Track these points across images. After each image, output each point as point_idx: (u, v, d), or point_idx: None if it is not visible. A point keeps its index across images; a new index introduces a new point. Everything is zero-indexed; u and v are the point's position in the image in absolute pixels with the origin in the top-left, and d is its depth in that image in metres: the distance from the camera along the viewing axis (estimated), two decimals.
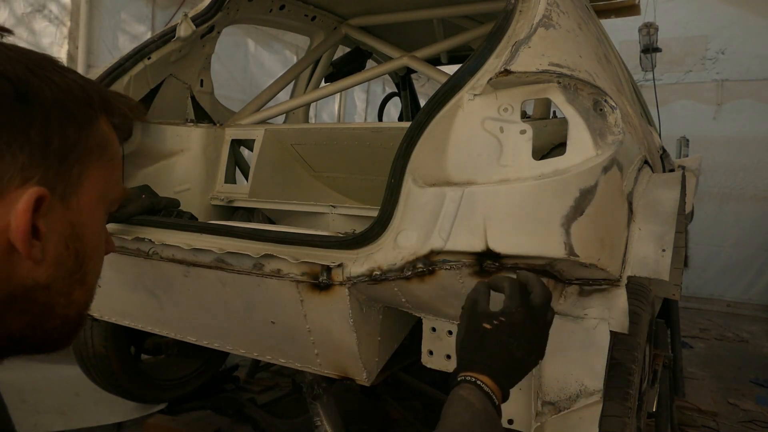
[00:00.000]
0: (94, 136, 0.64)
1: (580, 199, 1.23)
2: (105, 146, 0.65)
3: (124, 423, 2.60)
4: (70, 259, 0.62)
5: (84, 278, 0.65)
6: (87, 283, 0.66)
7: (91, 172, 0.64)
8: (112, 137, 0.68)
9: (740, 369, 4.37)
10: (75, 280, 0.63)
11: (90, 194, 0.64)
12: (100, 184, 0.65)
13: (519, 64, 1.30)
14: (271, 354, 1.71)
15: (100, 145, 0.65)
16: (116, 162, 0.69)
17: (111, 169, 0.67)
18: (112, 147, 0.67)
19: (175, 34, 2.12)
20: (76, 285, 0.64)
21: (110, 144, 0.66)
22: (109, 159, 0.66)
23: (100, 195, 0.65)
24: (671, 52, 6.60)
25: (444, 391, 2.36)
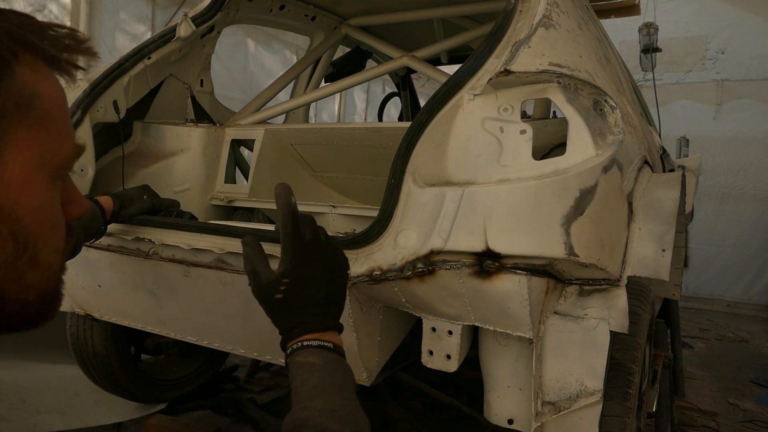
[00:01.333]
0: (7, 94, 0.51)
1: (580, 199, 1.23)
2: (29, 102, 0.52)
3: (124, 423, 2.60)
4: (6, 243, 0.53)
5: (34, 259, 0.56)
6: (40, 263, 0.56)
7: (13, 138, 0.51)
8: (45, 86, 0.54)
9: (740, 369, 4.37)
10: (22, 264, 0.55)
11: (18, 164, 0.52)
12: (33, 149, 0.53)
13: (519, 64, 1.30)
14: (271, 354, 1.71)
15: (21, 103, 0.52)
16: (54, 117, 0.55)
17: (46, 128, 0.54)
18: (43, 101, 0.54)
19: (175, 34, 2.12)
20: (25, 268, 0.55)
21: (38, 97, 0.53)
22: (41, 116, 0.53)
23: (37, 162, 0.54)
24: (671, 52, 6.60)
25: (444, 391, 2.37)
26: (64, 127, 0.57)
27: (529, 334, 1.31)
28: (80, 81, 2.00)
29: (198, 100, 2.38)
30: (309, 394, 0.90)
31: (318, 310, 1.00)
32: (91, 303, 1.99)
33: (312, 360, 0.95)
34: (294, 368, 0.96)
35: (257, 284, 1.02)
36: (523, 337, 1.33)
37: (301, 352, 0.97)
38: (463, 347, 1.41)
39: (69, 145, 0.58)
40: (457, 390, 2.67)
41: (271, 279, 1.00)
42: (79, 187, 1.90)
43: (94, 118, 1.94)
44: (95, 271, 1.84)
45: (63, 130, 0.57)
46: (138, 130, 2.15)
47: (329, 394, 0.90)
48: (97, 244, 1.73)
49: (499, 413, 1.44)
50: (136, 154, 2.13)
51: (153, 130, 2.19)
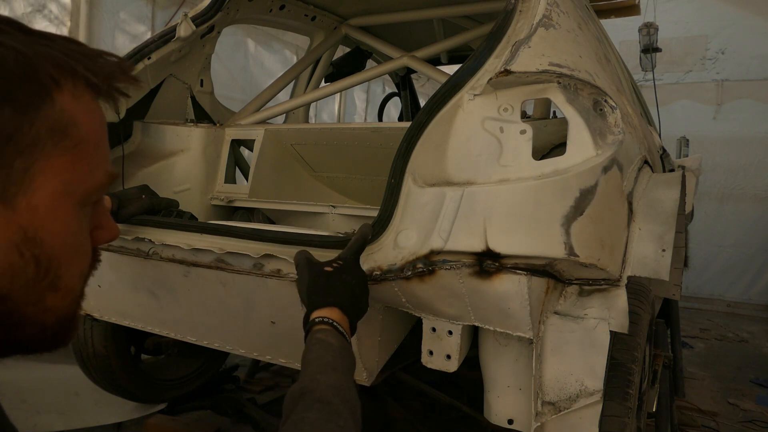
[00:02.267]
0: (44, 120, 0.50)
1: (580, 199, 1.23)
2: (64, 130, 0.52)
3: (124, 423, 2.60)
4: (28, 266, 0.52)
5: (56, 283, 0.55)
6: (61, 287, 0.56)
7: (45, 164, 0.51)
8: (82, 114, 0.54)
9: (740, 369, 4.37)
10: (42, 287, 0.54)
11: (46, 190, 0.52)
12: (63, 176, 0.53)
13: (519, 64, 1.30)
14: (271, 354, 1.71)
15: (57, 130, 0.51)
16: (88, 146, 0.55)
17: (79, 156, 0.54)
18: (79, 129, 0.53)
19: (175, 34, 2.12)
20: (45, 292, 0.55)
21: (74, 125, 0.53)
22: (75, 144, 0.53)
23: (65, 189, 0.53)
24: (671, 52, 6.60)
25: (444, 391, 2.37)
26: (97, 155, 0.57)
27: (529, 334, 1.31)
28: None
29: (198, 100, 2.38)
30: (321, 369, 0.99)
31: (350, 296, 1.16)
32: (91, 303, 1.99)
33: (331, 340, 1.06)
34: (312, 342, 1.06)
35: (309, 260, 1.23)
36: (523, 337, 1.33)
37: (324, 329, 1.08)
38: (463, 347, 1.41)
39: (101, 173, 0.57)
40: (457, 390, 2.67)
41: (325, 260, 1.22)
42: None
43: None
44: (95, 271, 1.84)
45: (96, 157, 0.56)
46: (138, 130, 2.15)
47: (338, 374, 0.99)
48: None
49: (499, 413, 1.44)
50: (136, 154, 2.13)
51: (153, 130, 2.19)
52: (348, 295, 1.16)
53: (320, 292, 1.16)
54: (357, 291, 1.18)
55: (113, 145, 2.06)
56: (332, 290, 1.16)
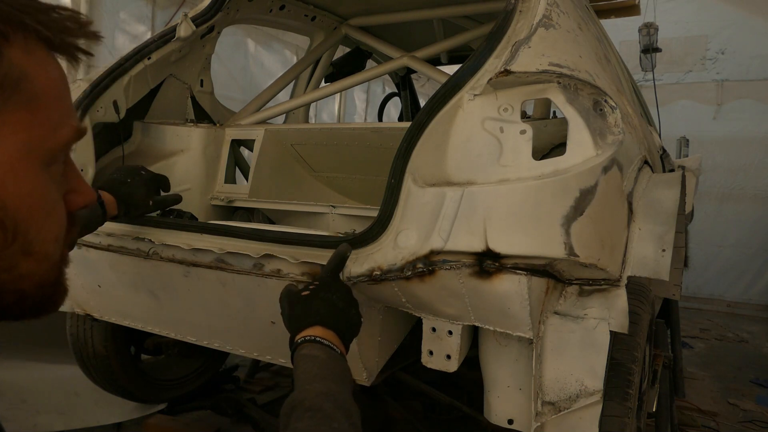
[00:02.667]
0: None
1: (580, 199, 1.23)
2: (15, 84, 0.50)
3: (124, 423, 2.60)
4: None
5: (27, 248, 0.53)
6: (35, 252, 0.54)
7: None
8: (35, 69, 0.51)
9: (740, 369, 4.37)
10: (13, 252, 0.52)
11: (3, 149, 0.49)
12: (20, 135, 0.50)
13: (519, 64, 1.30)
14: (271, 354, 1.71)
15: (7, 84, 0.49)
16: (45, 100, 0.53)
17: (36, 112, 0.51)
18: (33, 83, 0.51)
19: (175, 34, 2.12)
20: (17, 257, 0.53)
21: (26, 79, 0.50)
22: (29, 99, 0.51)
23: (25, 147, 0.51)
24: (671, 52, 6.60)
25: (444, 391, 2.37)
26: (58, 110, 0.54)
27: (529, 334, 1.31)
28: (80, 81, 2.00)
29: (198, 100, 2.38)
30: (309, 380, 0.97)
31: (332, 311, 1.15)
32: (91, 303, 1.99)
33: (315, 353, 1.05)
34: (298, 360, 1.04)
35: (289, 291, 1.21)
36: (523, 337, 1.33)
37: (307, 345, 1.06)
38: (463, 347, 1.41)
39: (66, 129, 0.55)
40: (457, 390, 2.67)
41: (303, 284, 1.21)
42: None
43: (94, 118, 1.94)
44: (95, 271, 1.84)
45: (57, 113, 0.54)
46: (138, 130, 2.15)
47: (327, 381, 0.98)
48: (97, 244, 1.73)
49: (499, 413, 1.44)
50: (136, 154, 2.13)
51: (153, 130, 2.19)
52: (329, 311, 1.14)
53: (299, 316, 1.15)
54: (340, 305, 1.17)
55: (113, 145, 2.06)
56: (311, 311, 1.14)
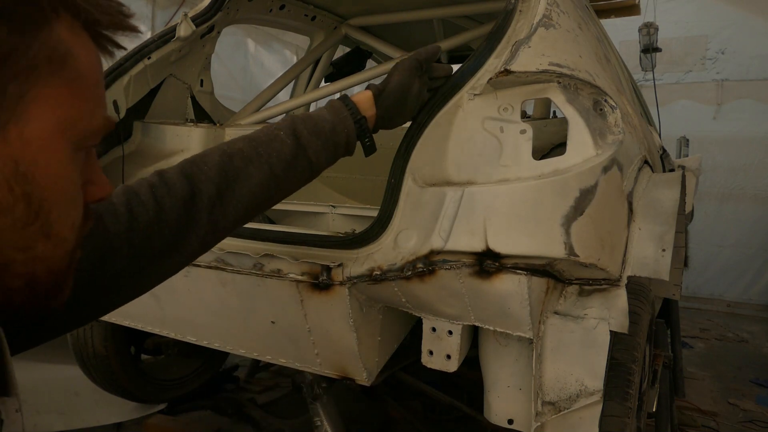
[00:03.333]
0: (42, 46, 0.49)
1: (580, 199, 1.23)
2: (62, 60, 0.50)
3: (124, 423, 2.60)
4: (18, 205, 0.49)
5: (47, 229, 0.52)
6: (53, 235, 0.53)
7: (41, 94, 0.49)
8: (80, 49, 0.52)
9: (740, 369, 4.36)
10: (33, 231, 0.51)
11: (41, 123, 0.49)
12: (58, 111, 0.50)
13: (519, 64, 1.30)
14: (271, 354, 1.71)
15: (54, 58, 0.49)
16: (86, 82, 0.53)
17: (76, 91, 0.52)
18: (77, 62, 0.52)
19: (175, 34, 2.12)
20: (36, 237, 0.52)
21: (72, 57, 0.51)
22: (72, 77, 0.51)
23: (61, 125, 0.51)
24: (671, 52, 6.59)
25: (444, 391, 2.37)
26: (95, 96, 0.55)
27: (529, 334, 1.31)
28: None
29: (198, 100, 2.38)
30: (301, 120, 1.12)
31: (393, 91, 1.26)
32: None
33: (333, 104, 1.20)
34: None
35: None
36: (523, 337, 1.33)
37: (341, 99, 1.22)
38: (463, 347, 1.41)
39: (99, 116, 0.55)
40: (457, 390, 2.67)
41: None
42: None
43: None
44: None
45: (94, 98, 0.55)
46: (138, 130, 2.15)
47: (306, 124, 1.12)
48: None
49: (499, 413, 1.44)
50: (136, 154, 2.13)
51: (153, 130, 2.18)
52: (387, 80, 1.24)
53: None
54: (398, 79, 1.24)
55: (113, 145, 2.06)
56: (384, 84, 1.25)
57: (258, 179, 1.01)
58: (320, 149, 1.11)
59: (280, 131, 1.07)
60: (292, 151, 1.06)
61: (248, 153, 1.02)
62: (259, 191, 1.02)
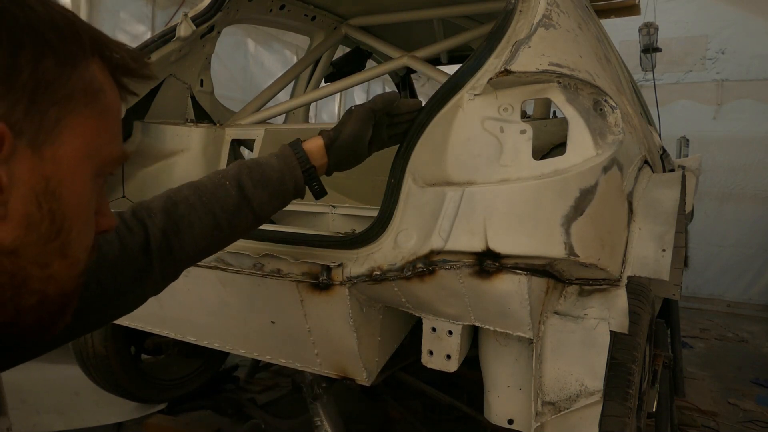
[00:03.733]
0: (79, 79, 0.55)
1: (580, 199, 1.23)
2: (95, 94, 0.56)
3: (124, 423, 2.60)
4: (44, 221, 0.53)
5: (65, 249, 0.55)
6: (69, 255, 0.56)
7: (74, 121, 0.54)
8: (108, 87, 0.59)
9: (740, 369, 4.37)
10: (53, 248, 0.54)
11: (72, 146, 0.54)
12: (87, 138, 0.56)
13: (519, 64, 1.30)
14: (271, 354, 1.71)
15: (88, 92, 0.56)
16: (111, 116, 0.59)
17: (102, 123, 0.58)
18: (106, 98, 0.58)
19: (175, 34, 2.11)
20: (54, 255, 0.55)
21: (102, 93, 0.58)
22: (101, 111, 0.57)
23: (87, 151, 0.56)
24: (671, 52, 6.60)
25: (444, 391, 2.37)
26: (116, 130, 0.61)
27: (529, 334, 1.31)
28: None
29: (198, 100, 2.38)
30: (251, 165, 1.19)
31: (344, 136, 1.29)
32: None
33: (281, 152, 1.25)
34: None
35: None
36: (523, 337, 1.33)
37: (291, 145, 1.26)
38: (463, 347, 1.41)
39: (118, 147, 0.61)
40: (457, 390, 2.67)
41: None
42: None
43: None
44: None
45: (116, 131, 0.61)
46: (138, 130, 2.15)
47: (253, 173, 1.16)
48: None
49: (499, 413, 1.44)
50: (136, 154, 2.13)
51: (153, 130, 2.18)
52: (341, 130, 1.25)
53: None
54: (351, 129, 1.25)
55: None
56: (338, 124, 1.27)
57: (201, 229, 1.06)
58: (266, 200, 1.15)
59: (227, 181, 1.11)
60: (236, 202, 1.10)
61: (193, 201, 1.06)
62: (203, 240, 1.06)
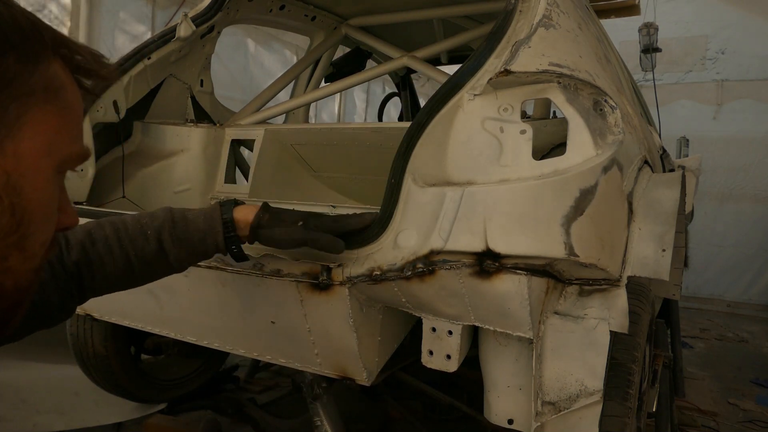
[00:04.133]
0: (41, 76, 0.56)
1: (580, 199, 1.23)
2: (56, 91, 0.57)
3: (124, 423, 2.60)
4: (4, 214, 0.54)
5: (23, 243, 0.56)
6: (26, 249, 0.57)
7: (35, 117, 0.55)
8: (69, 85, 0.59)
9: (740, 369, 4.37)
10: (11, 242, 0.55)
11: (33, 142, 0.55)
12: (47, 134, 0.57)
13: (519, 64, 1.30)
14: (271, 354, 1.71)
15: (50, 89, 0.56)
16: (72, 114, 0.60)
17: (64, 120, 0.58)
18: (67, 95, 0.59)
19: (175, 34, 2.12)
20: (12, 249, 0.55)
21: (63, 90, 0.58)
22: (62, 108, 0.58)
23: (48, 147, 0.57)
24: (671, 52, 6.60)
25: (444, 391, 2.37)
26: (78, 127, 0.62)
27: (529, 334, 1.31)
28: None
29: (198, 100, 2.38)
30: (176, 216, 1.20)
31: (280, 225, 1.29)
32: (90, 303, 1.98)
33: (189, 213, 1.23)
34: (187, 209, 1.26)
35: None
36: (523, 337, 1.33)
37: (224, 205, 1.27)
38: (463, 347, 1.41)
39: (79, 145, 0.62)
40: (457, 390, 2.67)
41: None
42: (79, 187, 1.91)
43: (94, 118, 1.94)
44: None
45: (77, 129, 0.62)
46: (138, 130, 2.15)
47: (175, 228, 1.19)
48: None
49: (499, 413, 1.44)
50: (136, 154, 2.13)
51: (153, 130, 2.19)
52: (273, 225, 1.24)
53: None
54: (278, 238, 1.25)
55: (113, 145, 2.06)
56: None
57: (113, 270, 1.10)
58: (183, 256, 1.18)
59: (149, 230, 1.13)
60: (153, 252, 1.13)
61: (111, 242, 1.09)
62: (115, 279, 1.11)
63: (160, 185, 2.17)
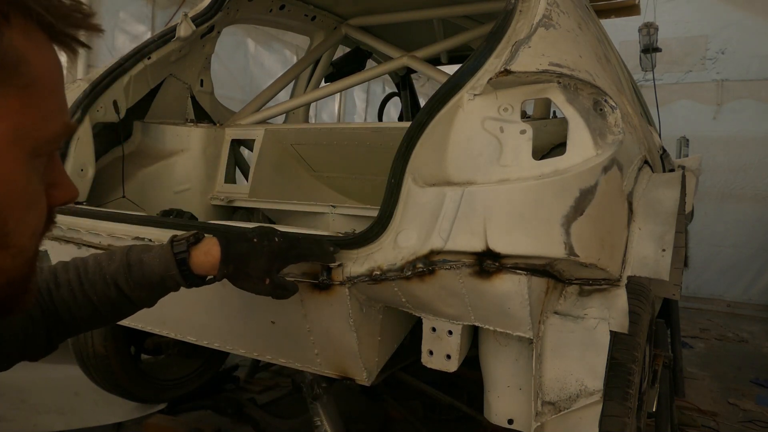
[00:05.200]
0: None
1: (580, 199, 1.23)
2: (14, 66, 0.48)
3: (124, 423, 2.60)
4: None
5: (4, 240, 0.51)
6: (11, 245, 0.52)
7: None
8: (34, 54, 0.50)
9: (740, 369, 4.37)
10: None
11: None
12: (12, 119, 0.49)
13: (519, 64, 1.30)
14: (271, 354, 1.71)
15: (5, 66, 0.47)
16: (40, 89, 0.51)
17: (29, 99, 0.50)
18: (31, 68, 0.49)
19: (175, 34, 2.12)
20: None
21: (24, 64, 0.49)
22: (23, 85, 0.49)
23: (14, 134, 0.49)
24: (671, 52, 6.60)
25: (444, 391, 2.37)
26: (52, 102, 0.53)
27: (529, 334, 1.31)
28: (80, 81, 2.00)
29: (198, 100, 2.38)
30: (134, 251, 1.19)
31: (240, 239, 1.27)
32: None
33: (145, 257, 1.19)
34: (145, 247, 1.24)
35: None
36: (523, 337, 1.33)
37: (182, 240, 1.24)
38: (463, 347, 1.41)
39: (57, 122, 0.53)
40: (457, 390, 2.67)
41: None
42: (79, 187, 1.91)
43: (94, 118, 1.94)
44: None
45: (51, 104, 0.53)
46: (138, 130, 2.15)
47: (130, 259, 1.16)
48: (96, 243, 1.73)
49: (499, 413, 1.44)
50: (136, 154, 2.13)
51: (153, 130, 2.19)
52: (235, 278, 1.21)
53: None
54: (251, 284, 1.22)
55: (113, 145, 2.06)
56: None
57: (79, 313, 1.08)
58: (145, 296, 1.17)
59: (107, 275, 1.10)
60: (115, 297, 1.12)
61: (75, 287, 1.07)
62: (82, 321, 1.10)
63: (160, 185, 2.17)
